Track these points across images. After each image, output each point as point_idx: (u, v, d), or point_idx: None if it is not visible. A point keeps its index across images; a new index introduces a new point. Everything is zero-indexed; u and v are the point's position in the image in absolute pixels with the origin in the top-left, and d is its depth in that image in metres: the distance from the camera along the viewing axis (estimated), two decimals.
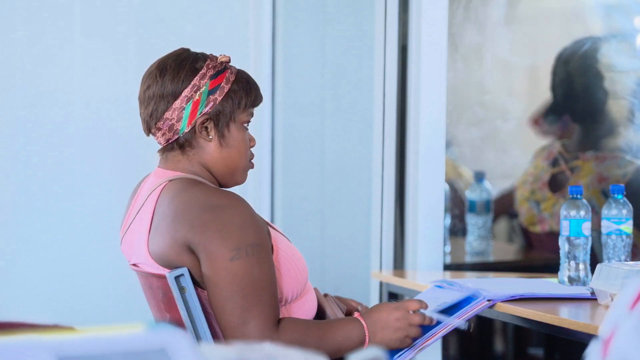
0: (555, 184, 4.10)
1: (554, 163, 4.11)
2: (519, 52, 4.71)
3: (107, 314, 3.71)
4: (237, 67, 2.49)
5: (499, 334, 4.55)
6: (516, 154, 4.70)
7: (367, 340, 2.36)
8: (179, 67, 2.39)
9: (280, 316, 2.36)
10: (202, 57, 2.43)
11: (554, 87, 4.21)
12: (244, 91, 2.41)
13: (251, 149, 2.47)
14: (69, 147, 3.72)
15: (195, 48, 3.79)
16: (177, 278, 2.33)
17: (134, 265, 2.47)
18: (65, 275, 3.71)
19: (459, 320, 2.56)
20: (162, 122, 2.39)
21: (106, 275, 3.73)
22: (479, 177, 4.11)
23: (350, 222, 3.85)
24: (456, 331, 2.55)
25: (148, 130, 2.44)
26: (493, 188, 4.22)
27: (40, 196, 3.69)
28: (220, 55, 2.46)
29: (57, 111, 3.71)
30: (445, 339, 4.02)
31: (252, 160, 2.48)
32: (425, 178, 3.58)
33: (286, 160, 3.92)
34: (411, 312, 2.39)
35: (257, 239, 2.28)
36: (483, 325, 4.41)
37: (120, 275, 3.67)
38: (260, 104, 2.50)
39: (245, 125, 2.44)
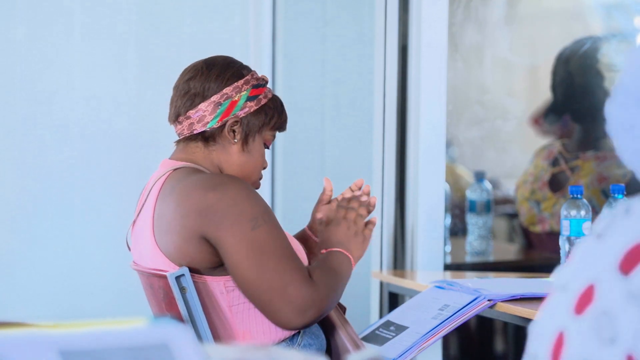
0: (556, 184, 4.10)
1: (554, 163, 4.11)
2: (519, 52, 4.72)
3: (108, 312, 3.71)
4: None
5: (500, 333, 4.55)
6: (516, 153, 4.70)
7: (350, 256, 2.45)
8: (227, 67, 2.45)
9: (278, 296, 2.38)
10: (247, 67, 2.50)
11: (554, 87, 4.20)
12: (277, 111, 2.48)
13: (262, 170, 2.52)
14: (69, 147, 3.72)
15: (195, 48, 3.80)
16: (177, 278, 2.33)
17: (135, 263, 2.48)
18: (67, 274, 3.72)
19: (459, 321, 2.56)
20: (194, 111, 2.43)
21: (108, 274, 3.73)
22: (479, 177, 4.11)
23: None
24: (457, 331, 2.56)
25: (175, 117, 2.48)
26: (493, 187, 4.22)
27: (40, 195, 3.69)
28: (262, 74, 2.54)
29: (58, 111, 3.71)
30: (445, 339, 4.02)
31: (260, 180, 2.52)
32: (426, 178, 3.58)
33: (286, 160, 3.92)
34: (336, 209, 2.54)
35: (266, 207, 2.34)
36: (483, 325, 4.41)
37: (122, 274, 3.67)
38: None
39: (267, 144, 2.49)
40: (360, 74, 3.87)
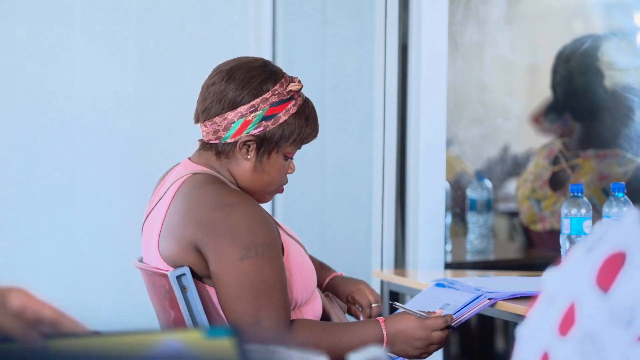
0: (556, 182, 4.09)
1: (555, 161, 4.11)
2: (519, 51, 4.71)
3: (111, 310, 3.71)
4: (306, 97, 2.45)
5: (500, 332, 4.55)
6: (517, 152, 4.70)
7: (384, 347, 2.35)
8: (247, 82, 2.37)
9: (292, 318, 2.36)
10: (272, 79, 2.39)
11: (554, 85, 4.20)
12: (299, 127, 2.40)
13: (288, 175, 2.45)
14: (70, 147, 3.72)
15: (195, 48, 3.80)
16: (178, 277, 2.33)
17: (137, 261, 2.48)
18: (69, 273, 3.72)
19: (460, 319, 2.56)
20: (210, 122, 2.38)
21: (110, 271, 3.73)
22: (480, 175, 4.11)
23: (351, 221, 3.86)
24: (457, 329, 2.56)
25: (196, 120, 2.43)
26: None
27: (41, 195, 3.69)
28: (295, 81, 2.42)
29: (58, 111, 3.71)
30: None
31: (283, 186, 2.46)
32: (426, 177, 3.58)
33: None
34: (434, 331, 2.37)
35: (267, 239, 2.27)
36: (484, 323, 4.41)
37: (125, 271, 3.67)
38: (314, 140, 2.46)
39: (289, 156, 2.42)
40: (361, 73, 3.87)
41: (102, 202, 3.74)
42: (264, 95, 2.36)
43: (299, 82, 2.44)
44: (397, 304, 2.50)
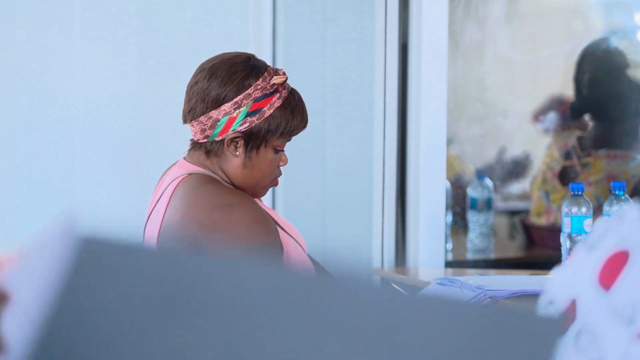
0: (565, 178, 4.08)
1: (567, 156, 4.10)
2: (519, 50, 4.71)
3: None
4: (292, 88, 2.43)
5: None
6: (517, 151, 4.70)
7: None
8: (229, 78, 2.36)
9: None
10: (255, 74, 2.38)
11: (578, 84, 4.16)
12: (285, 120, 2.38)
13: (280, 167, 2.44)
14: (69, 147, 3.72)
15: (195, 48, 3.80)
16: None
17: None
18: None
19: None
20: (196, 122, 2.38)
21: None
22: (480, 174, 4.12)
23: (351, 219, 3.86)
24: None
25: (184, 121, 2.43)
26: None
27: (41, 195, 3.69)
28: (279, 73, 2.41)
29: (58, 111, 3.71)
30: None
31: (277, 178, 2.45)
32: (427, 175, 3.58)
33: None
34: None
35: (268, 238, 2.29)
36: None
37: None
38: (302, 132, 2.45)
39: (278, 149, 2.41)
40: (361, 72, 3.87)
41: (102, 202, 3.74)
42: (246, 91, 2.35)
43: (284, 74, 2.42)
44: None
